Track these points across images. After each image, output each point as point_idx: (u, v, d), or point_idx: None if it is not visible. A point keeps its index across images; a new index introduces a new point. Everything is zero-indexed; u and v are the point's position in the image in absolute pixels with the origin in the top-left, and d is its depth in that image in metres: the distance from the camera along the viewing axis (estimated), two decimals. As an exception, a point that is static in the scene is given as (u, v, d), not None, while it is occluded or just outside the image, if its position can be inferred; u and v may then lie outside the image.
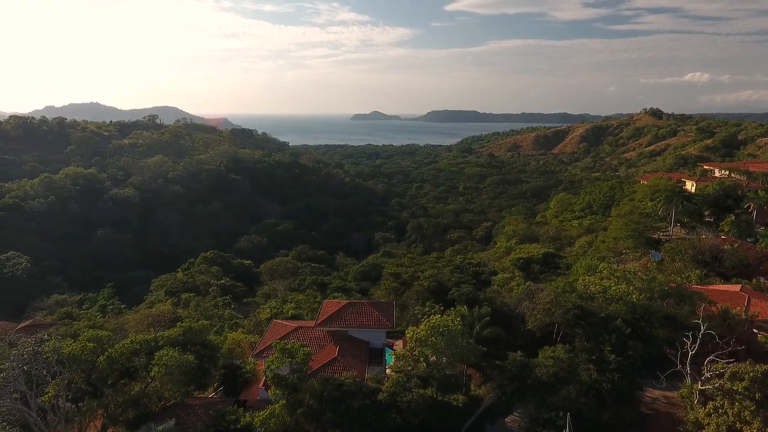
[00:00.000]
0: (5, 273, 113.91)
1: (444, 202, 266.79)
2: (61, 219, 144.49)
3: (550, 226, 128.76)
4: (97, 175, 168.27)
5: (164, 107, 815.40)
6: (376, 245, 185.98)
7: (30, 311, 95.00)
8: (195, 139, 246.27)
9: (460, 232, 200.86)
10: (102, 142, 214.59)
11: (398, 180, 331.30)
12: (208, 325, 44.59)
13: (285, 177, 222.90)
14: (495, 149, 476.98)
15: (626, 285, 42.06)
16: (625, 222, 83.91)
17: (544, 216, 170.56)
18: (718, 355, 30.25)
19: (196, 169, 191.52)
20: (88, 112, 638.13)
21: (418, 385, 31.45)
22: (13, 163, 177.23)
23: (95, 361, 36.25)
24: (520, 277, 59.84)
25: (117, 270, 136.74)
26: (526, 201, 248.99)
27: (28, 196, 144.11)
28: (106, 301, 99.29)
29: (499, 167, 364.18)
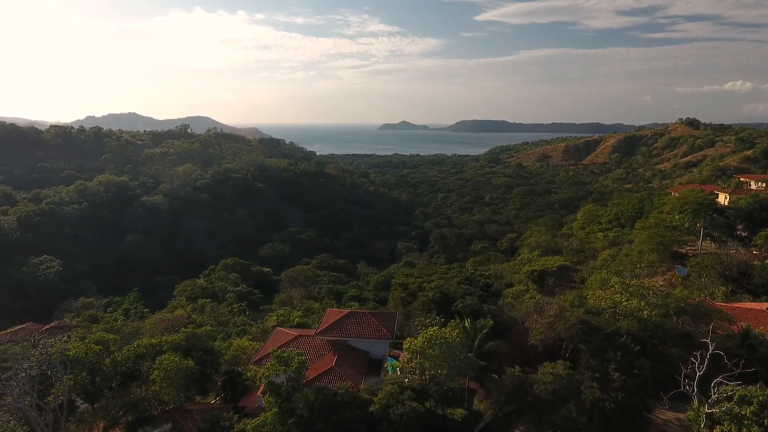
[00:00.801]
0: (38, 276, 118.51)
1: (469, 212, 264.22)
2: (93, 224, 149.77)
3: (574, 239, 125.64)
4: (128, 182, 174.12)
5: (198, 117, 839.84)
6: (398, 255, 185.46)
7: (58, 313, 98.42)
8: (224, 148, 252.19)
9: (485, 243, 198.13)
10: (135, 151, 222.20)
11: (424, 190, 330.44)
12: (212, 332, 45.15)
13: (310, 186, 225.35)
14: (523, 159, 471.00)
15: (638, 300, 40.46)
16: (649, 235, 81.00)
17: (571, 228, 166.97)
18: (727, 377, 28.57)
19: (224, 178, 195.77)
20: (126, 121, 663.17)
21: (411, 398, 30.86)
22: (51, 171, 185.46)
23: (100, 364, 37.20)
24: (534, 290, 58.40)
25: (144, 275, 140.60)
26: (553, 212, 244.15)
27: (63, 202, 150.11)
28: (130, 305, 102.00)
29: (527, 178, 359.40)
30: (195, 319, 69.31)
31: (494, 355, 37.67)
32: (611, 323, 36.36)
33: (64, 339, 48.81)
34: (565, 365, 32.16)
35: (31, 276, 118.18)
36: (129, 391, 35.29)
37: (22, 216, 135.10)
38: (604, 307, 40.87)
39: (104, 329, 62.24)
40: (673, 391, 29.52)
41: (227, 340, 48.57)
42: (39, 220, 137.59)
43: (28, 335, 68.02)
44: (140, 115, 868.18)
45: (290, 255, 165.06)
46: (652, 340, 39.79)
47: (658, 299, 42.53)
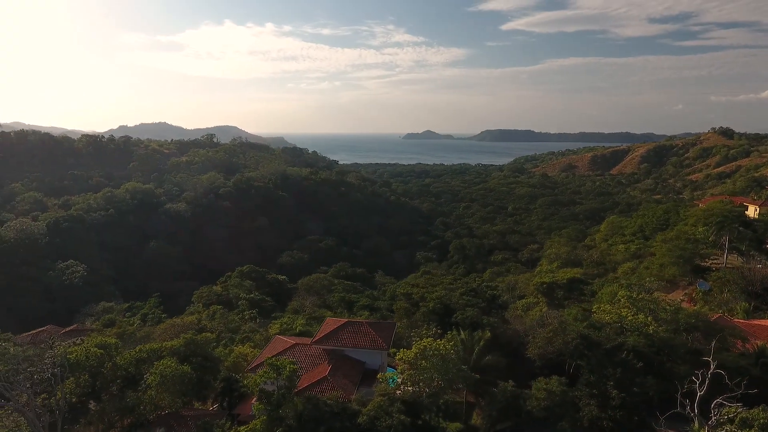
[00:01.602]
0: (64, 280, 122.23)
1: (491, 222, 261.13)
2: (118, 231, 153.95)
3: (594, 250, 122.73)
4: (153, 190, 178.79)
5: (225, 127, 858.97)
6: (417, 265, 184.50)
7: (80, 317, 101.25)
8: (247, 157, 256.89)
9: (505, 253, 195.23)
10: (162, 160, 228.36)
11: (446, 199, 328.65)
12: (213, 338, 45.58)
13: (330, 194, 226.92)
14: (548, 169, 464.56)
15: (644, 315, 39.06)
16: (669, 248, 78.38)
17: (593, 239, 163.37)
18: (728, 397, 27.16)
19: (246, 186, 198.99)
20: (157, 131, 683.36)
21: (401, 411, 30.36)
22: (81, 178, 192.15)
23: (101, 368, 37.93)
24: (543, 302, 57.08)
25: (166, 281, 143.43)
26: (578, 223, 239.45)
27: (91, 209, 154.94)
28: (149, 311, 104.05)
29: (551, 188, 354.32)
30: (205, 326, 70.39)
31: (492, 369, 36.79)
32: (612, 338, 35.12)
33: (77, 342, 50.19)
34: (560, 381, 31.15)
35: (58, 280, 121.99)
36: (126, 395, 35.82)
37: (51, 222, 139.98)
38: (609, 322, 39.60)
39: (117, 333, 63.66)
40: (670, 411, 28.14)
41: (228, 347, 48.93)
42: (67, 225, 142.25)
43: (47, 337, 70.22)
44: (170, 125, 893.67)
45: (309, 263, 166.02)
46: (659, 357, 38.31)
47: (667, 314, 41.00)
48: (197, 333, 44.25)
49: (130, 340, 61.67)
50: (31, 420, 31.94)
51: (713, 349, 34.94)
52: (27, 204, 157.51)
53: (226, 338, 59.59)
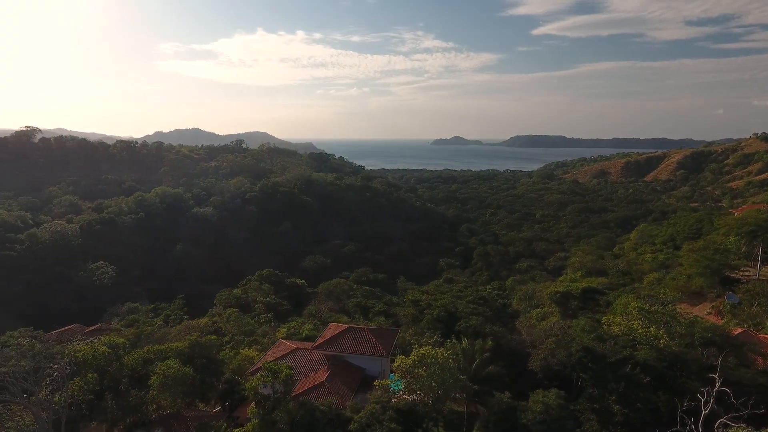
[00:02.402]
0: (94, 280, 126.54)
1: (518, 229, 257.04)
2: (147, 233, 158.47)
3: (620, 260, 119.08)
4: (182, 194, 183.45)
5: (256, 133, 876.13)
6: (440, 271, 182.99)
7: (106, 316, 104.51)
8: (274, 162, 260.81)
9: (531, 261, 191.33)
10: (192, 164, 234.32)
11: (473, 205, 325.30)
12: (216, 340, 46.15)
13: (354, 200, 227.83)
14: (579, 176, 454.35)
15: (655, 328, 37.45)
16: (696, 258, 75.14)
17: (622, 248, 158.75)
18: (735, 417, 25.63)
19: (271, 191, 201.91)
20: (190, 137, 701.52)
21: (393, 419, 29.93)
22: (114, 182, 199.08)
23: (108, 367, 38.91)
24: (557, 312, 55.53)
25: (191, 283, 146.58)
26: (609, 231, 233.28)
27: (122, 212, 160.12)
28: (172, 312, 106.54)
29: (582, 194, 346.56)
30: (220, 328, 71.50)
31: (493, 380, 35.90)
32: (618, 351, 33.75)
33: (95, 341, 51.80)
34: (559, 394, 30.09)
35: (88, 280, 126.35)
36: (129, 394, 36.60)
37: (84, 224, 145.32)
38: (618, 334, 38.15)
39: (134, 333, 65.28)
40: (671, 429, 26.78)
41: (234, 350, 49.47)
42: (99, 228, 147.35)
43: (72, 336, 72.81)
44: (203, 131, 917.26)
45: (331, 268, 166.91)
46: (672, 372, 36.64)
47: (682, 328, 39.24)
48: (203, 336, 44.84)
49: (147, 341, 63.18)
50: (37, 415, 32.98)
51: (720, 365, 33.26)
52: (63, 207, 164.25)
53: (238, 341, 60.31)
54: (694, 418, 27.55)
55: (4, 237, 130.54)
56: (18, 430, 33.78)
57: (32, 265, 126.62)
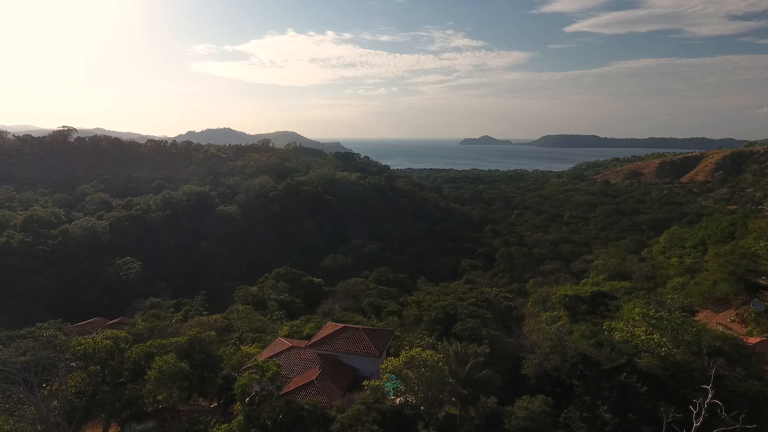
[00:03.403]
0: (121, 275, 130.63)
1: (544, 231, 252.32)
2: (173, 231, 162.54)
3: (645, 263, 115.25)
4: (208, 192, 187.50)
5: (284, 132, 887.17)
6: (462, 272, 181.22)
7: (129, 311, 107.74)
8: (299, 162, 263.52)
9: (556, 263, 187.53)
10: (219, 163, 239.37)
11: (499, 206, 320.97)
12: (216, 337, 46.82)
13: (377, 199, 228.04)
14: (611, 176, 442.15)
15: (658, 335, 35.93)
16: (721, 263, 71.88)
17: (650, 251, 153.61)
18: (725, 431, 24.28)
19: (295, 190, 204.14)
20: (221, 136, 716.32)
21: (376, 420, 29.66)
22: (143, 181, 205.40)
23: (110, 360, 39.96)
24: (566, 316, 54.07)
25: (215, 279, 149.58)
26: (640, 234, 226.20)
27: (150, 209, 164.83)
28: (192, 308, 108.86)
29: (613, 196, 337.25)
30: (232, 324, 72.67)
31: (486, 384, 35.10)
32: (614, 358, 32.49)
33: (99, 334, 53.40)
34: (546, 401, 29.18)
35: (115, 275, 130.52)
36: (126, 387, 37.52)
37: (113, 221, 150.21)
38: (619, 340, 36.77)
39: (148, 328, 67.13)
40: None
41: (236, 346, 50.09)
42: (127, 224, 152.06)
43: (93, 329, 75.38)
44: (234, 130, 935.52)
45: (352, 267, 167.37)
46: (675, 381, 35.09)
47: (690, 335, 37.53)
48: (202, 332, 45.54)
49: (159, 335, 64.76)
50: (38, 406, 34.18)
51: (727, 376, 31.74)
52: (94, 204, 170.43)
53: (246, 338, 61.05)
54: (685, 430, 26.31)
55: (39, 232, 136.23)
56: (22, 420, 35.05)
57: (63, 260, 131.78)
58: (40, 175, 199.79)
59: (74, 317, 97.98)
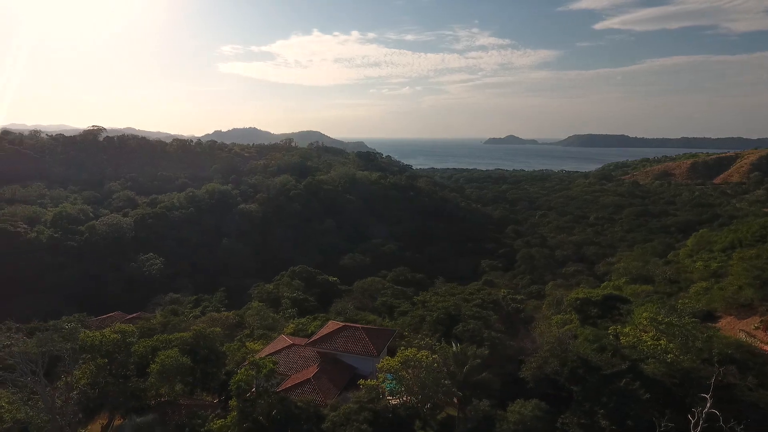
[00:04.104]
0: (144, 271, 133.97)
1: (568, 232, 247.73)
2: (196, 228, 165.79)
3: (669, 267, 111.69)
4: (230, 191, 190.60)
5: (309, 132, 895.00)
6: (481, 273, 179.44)
7: (150, 306, 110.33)
8: (321, 161, 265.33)
9: (579, 266, 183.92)
10: (242, 162, 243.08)
11: (522, 206, 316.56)
12: (220, 333, 47.39)
13: (398, 198, 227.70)
14: (640, 177, 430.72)
15: (665, 341, 34.69)
16: (745, 267, 68.99)
17: (677, 255, 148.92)
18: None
19: (316, 189, 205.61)
20: (247, 136, 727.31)
21: (366, 420, 29.48)
22: (168, 179, 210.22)
23: (116, 353, 40.91)
24: (576, 320, 52.77)
25: (235, 277, 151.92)
26: (668, 237, 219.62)
27: (173, 207, 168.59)
28: (210, 304, 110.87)
29: (641, 197, 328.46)
30: (243, 321, 73.63)
31: (484, 387, 34.50)
32: (617, 363, 31.48)
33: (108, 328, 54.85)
34: (538, 406, 28.46)
35: (138, 271, 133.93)
36: (130, 380, 38.35)
37: (138, 218, 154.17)
38: (625, 345, 35.66)
39: (161, 323, 68.49)
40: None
41: (241, 342, 50.66)
42: (152, 222, 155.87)
43: (112, 322, 77.51)
44: (259, 130, 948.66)
45: (370, 266, 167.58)
46: (683, 389, 33.80)
47: (700, 342, 36.10)
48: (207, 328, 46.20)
49: (173, 330, 66.09)
50: (44, 396, 35.23)
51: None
52: (121, 201, 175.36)
53: (257, 334, 61.69)
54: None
55: (67, 228, 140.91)
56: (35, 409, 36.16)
57: (90, 255, 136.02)
58: (70, 173, 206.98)
59: (99, 311, 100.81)
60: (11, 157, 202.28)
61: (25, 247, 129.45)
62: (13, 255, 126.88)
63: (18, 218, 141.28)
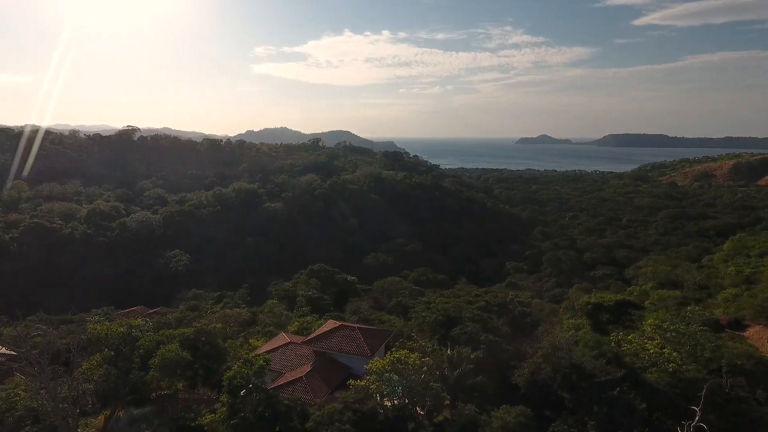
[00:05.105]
0: (171, 267, 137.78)
1: (600, 234, 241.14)
2: (222, 226, 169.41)
3: (699, 272, 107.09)
4: (256, 189, 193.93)
5: (338, 131, 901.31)
6: (505, 274, 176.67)
7: (174, 301, 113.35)
8: (347, 160, 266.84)
9: (608, 269, 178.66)
10: (269, 161, 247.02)
11: (552, 208, 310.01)
12: (222, 329, 48.09)
13: (423, 198, 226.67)
14: (679, 178, 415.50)
15: (669, 349, 33.14)
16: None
17: (711, 259, 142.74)
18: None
19: (340, 188, 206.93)
20: (278, 135, 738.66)
21: (350, 420, 29.26)
22: (198, 177, 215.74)
23: (122, 346, 42.13)
24: (587, 325, 51.11)
25: (259, 274, 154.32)
26: (706, 241, 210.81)
27: (201, 205, 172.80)
28: (231, 300, 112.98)
29: (678, 199, 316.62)
30: (257, 318, 74.66)
31: (477, 391, 33.78)
32: (611, 371, 30.22)
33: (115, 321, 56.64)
34: (524, 412, 27.60)
35: (166, 267, 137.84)
36: (131, 373, 39.35)
37: (167, 215, 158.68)
38: (626, 353, 34.24)
39: (176, 318, 70.22)
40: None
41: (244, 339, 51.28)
42: (180, 219, 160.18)
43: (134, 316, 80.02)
44: (290, 130, 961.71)
45: (392, 266, 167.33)
46: (685, 400, 32.22)
47: (709, 352, 34.35)
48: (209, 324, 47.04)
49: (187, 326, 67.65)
50: (48, 387, 36.53)
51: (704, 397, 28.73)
52: (151, 199, 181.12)
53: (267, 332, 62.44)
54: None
55: (100, 224, 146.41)
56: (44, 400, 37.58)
57: (120, 251, 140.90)
58: (105, 171, 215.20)
59: (128, 305, 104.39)
60: (51, 156, 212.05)
61: (60, 242, 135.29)
62: (50, 249, 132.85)
63: (55, 214, 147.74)
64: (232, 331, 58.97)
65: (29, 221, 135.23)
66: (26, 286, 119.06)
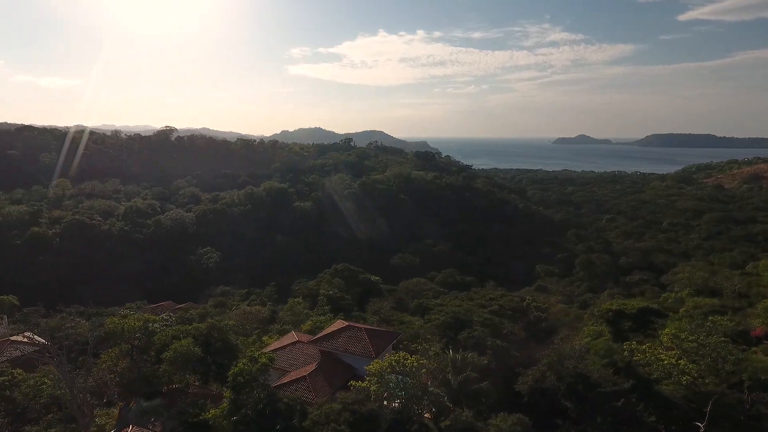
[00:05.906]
0: (202, 264, 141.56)
1: (637, 238, 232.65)
2: (252, 224, 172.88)
3: (739, 280, 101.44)
4: (287, 189, 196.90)
5: (372, 131, 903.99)
6: (535, 277, 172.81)
7: (203, 297, 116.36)
8: (378, 160, 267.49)
9: (645, 274, 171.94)
10: (301, 161, 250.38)
11: (588, 210, 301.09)
12: (233, 326, 48.79)
13: (453, 199, 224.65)
14: (726, 180, 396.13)
15: (685, 361, 31.45)
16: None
17: (757, 266, 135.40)
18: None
19: (370, 188, 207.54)
20: (311, 135, 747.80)
21: (346, 421, 29.12)
22: (231, 177, 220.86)
23: (137, 341, 43.48)
24: (608, 333, 49.31)
25: (287, 272, 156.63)
26: (753, 246, 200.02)
27: (233, 204, 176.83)
28: (258, 297, 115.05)
29: (725, 202, 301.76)
30: (276, 316, 75.67)
31: (480, 396, 33.00)
32: (618, 381, 28.91)
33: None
34: (521, 421, 26.73)
35: (197, 263, 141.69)
36: (144, 367, 40.53)
37: (200, 213, 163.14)
38: (640, 362, 32.73)
39: (199, 314, 71.98)
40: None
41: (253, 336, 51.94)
42: (212, 217, 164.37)
43: (162, 311, 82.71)
44: (324, 130, 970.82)
45: (420, 267, 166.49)
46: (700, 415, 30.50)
47: (730, 365, 32.41)
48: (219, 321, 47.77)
49: (209, 321, 69.33)
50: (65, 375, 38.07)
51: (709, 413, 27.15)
52: (186, 197, 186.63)
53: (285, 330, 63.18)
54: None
55: (136, 222, 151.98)
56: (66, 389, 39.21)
57: (155, 247, 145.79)
58: (143, 170, 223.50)
59: (159, 300, 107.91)
60: (94, 155, 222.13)
61: (99, 239, 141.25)
62: (89, 245, 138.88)
63: (95, 211, 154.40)
64: (251, 328, 59.88)
65: (71, 218, 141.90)
66: (66, 280, 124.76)
